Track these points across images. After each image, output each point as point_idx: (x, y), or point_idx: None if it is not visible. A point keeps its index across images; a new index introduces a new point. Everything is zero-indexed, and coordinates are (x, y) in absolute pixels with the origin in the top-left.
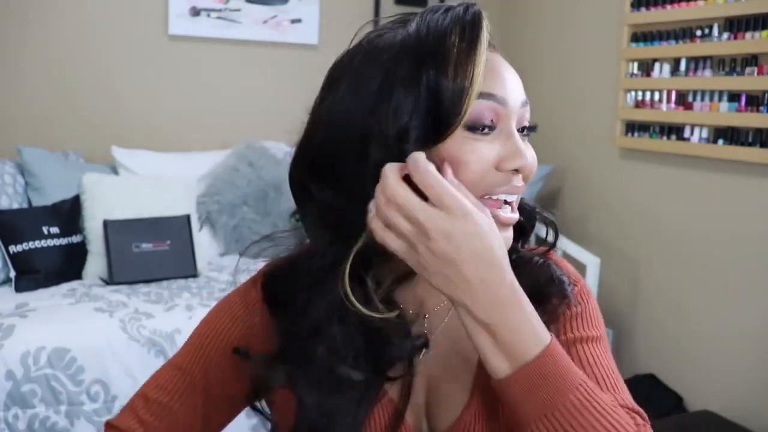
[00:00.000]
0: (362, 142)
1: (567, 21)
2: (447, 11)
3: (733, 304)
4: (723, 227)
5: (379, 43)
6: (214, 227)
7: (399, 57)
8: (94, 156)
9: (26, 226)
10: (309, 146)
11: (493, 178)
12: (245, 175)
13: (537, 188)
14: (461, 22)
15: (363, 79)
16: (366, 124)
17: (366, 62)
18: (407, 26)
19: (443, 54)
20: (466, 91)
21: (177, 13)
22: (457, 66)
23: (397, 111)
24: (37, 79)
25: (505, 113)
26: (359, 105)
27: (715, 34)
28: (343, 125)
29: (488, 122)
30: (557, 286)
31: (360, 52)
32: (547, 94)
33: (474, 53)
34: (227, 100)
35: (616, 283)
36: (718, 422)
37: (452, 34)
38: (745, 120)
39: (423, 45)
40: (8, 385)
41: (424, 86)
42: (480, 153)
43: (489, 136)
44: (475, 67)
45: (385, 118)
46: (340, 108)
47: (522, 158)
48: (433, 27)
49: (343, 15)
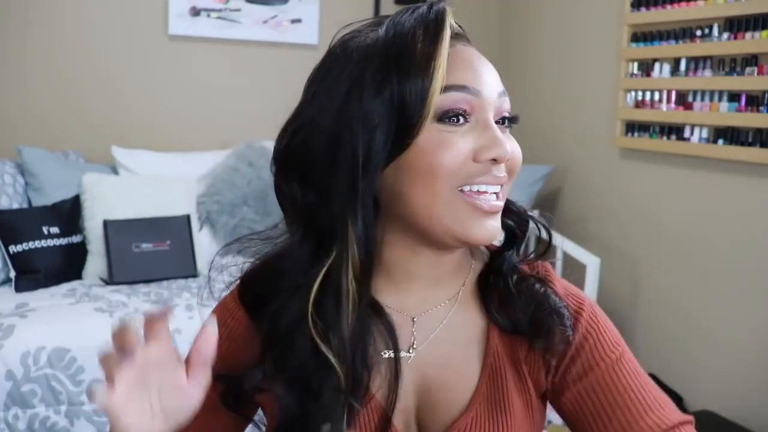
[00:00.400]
0: (332, 144)
1: (567, 21)
2: (414, 11)
3: (734, 304)
4: (723, 227)
5: (351, 46)
6: (214, 227)
7: (367, 60)
8: (94, 156)
9: (26, 226)
10: (281, 146)
11: (471, 169)
12: (245, 175)
13: (537, 188)
14: (425, 20)
15: (333, 82)
16: (335, 127)
17: (336, 65)
18: (378, 29)
19: (407, 55)
20: (428, 87)
21: (177, 13)
22: (420, 64)
23: (366, 114)
24: (37, 79)
25: (479, 104)
26: (329, 107)
27: (715, 34)
28: (314, 126)
29: (461, 112)
30: (558, 320)
31: (333, 55)
32: (547, 94)
33: (435, 48)
34: (227, 100)
35: (616, 283)
36: (718, 422)
37: (416, 33)
38: (745, 120)
39: (389, 47)
40: (8, 385)
41: (389, 91)
42: (454, 144)
43: (464, 128)
44: (436, 62)
45: (355, 122)
46: (311, 109)
47: (499, 147)
48: (399, 29)
49: (343, 15)
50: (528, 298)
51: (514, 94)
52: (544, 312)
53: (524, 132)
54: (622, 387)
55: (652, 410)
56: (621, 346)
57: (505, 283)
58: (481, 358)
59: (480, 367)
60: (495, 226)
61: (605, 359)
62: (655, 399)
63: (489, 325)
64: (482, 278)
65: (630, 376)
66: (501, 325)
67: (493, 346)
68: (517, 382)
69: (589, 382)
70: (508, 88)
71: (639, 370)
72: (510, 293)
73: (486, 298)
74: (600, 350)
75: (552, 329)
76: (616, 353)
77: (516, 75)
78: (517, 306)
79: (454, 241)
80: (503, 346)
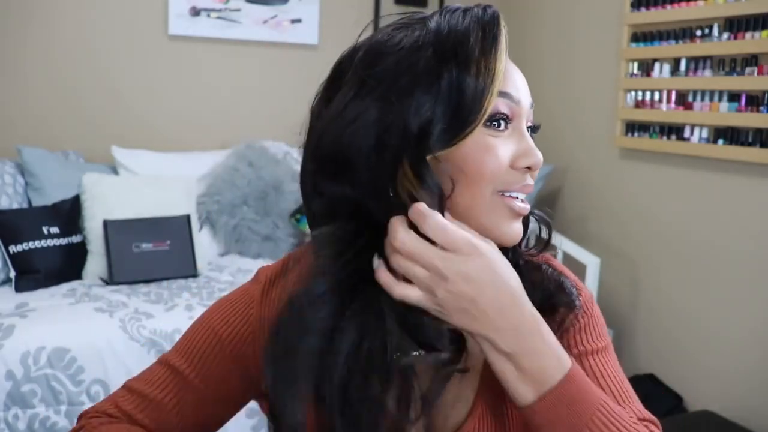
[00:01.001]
0: (381, 138)
1: (567, 21)
2: (465, 11)
3: (733, 304)
4: (723, 227)
5: (394, 41)
6: (214, 227)
7: (419, 52)
8: (94, 156)
9: (26, 226)
10: (320, 144)
11: (507, 176)
12: (245, 175)
13: (537, 188)
14: (481, 22)
15: (380, 72)
16: (384, 118)
17: (382, 57)
18: (426, 23)
19: (465, 52)
20: (488, 89)
21: (177, 13)
22: (479, 64)
23: (419, 107)
24: (37, 79)
25: (519, 112)
26: (377, 99)
27: (715, 34)
28: (359, 121)
29: (504, 118)
30: (566, 297)
31: (371, 49)
32: (547, 94)
33: (495, 52)
34: (227, 100)
35: (616, 283)
36: (718, 422)
37: (473, 33)
38: (745, 120)
39: (444, 42)
40: (8, 385)
41: (446, 83)
42: (497, 151)
43: (505, 134)
44: (497, 66)
45: (406, 114)
46: (354, 104)
47: (535, 156)
48: (453, 26)
49: (343, 15)
50: (537, 276)
51: None
52: (552, 289)
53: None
54: (604, 373)
55: (628, 401)
56: (607, 339)
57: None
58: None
59: (482, 362)
60: (520, 227)
61: (592, 345)
62: (630, 395)
63: None
64: None
65: (611, 368)
66: None
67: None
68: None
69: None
70: None
71: (619, 367)
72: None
73: None
74: (590, 335)
75: (559, 306)
76: (603, 343)
77: None
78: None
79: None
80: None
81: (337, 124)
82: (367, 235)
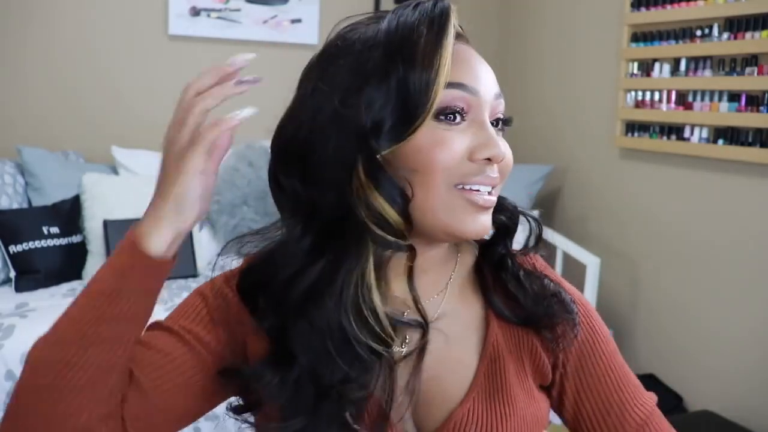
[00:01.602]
0: (333, 135)
1: (567, 21)
2: (416, 6)
3: (734, 304)
4: (723, 227)
5: (351, 38)
6: (214, 227)
7: (369, 51)
8: (94, 156)
9: (26, 226)
10: (280, 139)
11: (465, 168)
12: (245, 175)
13: (537, 188)
14: (429, 15)
15: (334, 73)
16: (337, 117)
17: (337, 56)
18: (380, 22)
19: (411, 47)
20: (433, 81)
21: (177, 13)
22: (425, 57)
23: (369, 104)
24: (37, 79)
25: (477, 103)
26: (330, 98)
27: (715, 34)
28: (314, 117)
29: (458, 110)
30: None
31: (332, 47)
32: (547, 94)
33: (440, 44)
34: (227, 100)
35: (616, 283)
36: (718, 422)
37: (420, 27)
38: (745, 120)
39: (392, 39)
40: (8, 385)
41: (394, 80)
42: (451, 142)
43: (460, 126)
44: (441, 57)
45: (356, 111)
46: (311, 101)
47: (494, 147)
48: (402, 21)
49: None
50: (536, 290)
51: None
52: (552, 303)
53: (524, 132)
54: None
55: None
56: (611, 341)
57: (513, 275)
58: (479, 348)
59: (478, 357)
60: (487, 221)
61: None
62: (637, 387)
63: (488, 315)
64: (478, 270)
65: (622, 368)
66: (506, 317)
67: (492, 335)
68: (519, 372)
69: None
70: (508, 88)
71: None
72: (517, 286)
73: (485, 289)
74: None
75: (560, 320)
76: (611, 346)
77: (516, 75)
78: (524, 298)
79: (445, 235)
80: (503, 336)
81: (294, 122)
82: (316, 236)
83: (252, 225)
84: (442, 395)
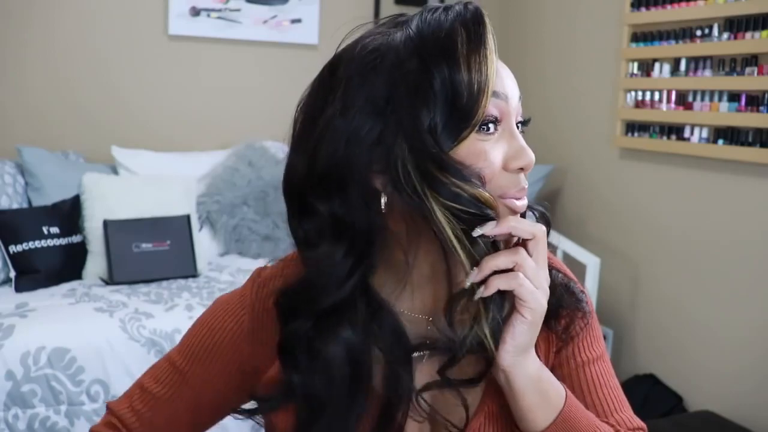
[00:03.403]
0: (378, 153)
1: (567, 21)
2: (446, 10)
3: (733, 304)
4: (723, 227)
5: (377, 47)
6: (214, 227)
7: (404, 59)
8: (94, 156)
9: (26, 226)
10: (312, 163)
11: (502, 180)
12: (245, 175)
13: (537, 188)
14: (463, 19)
15: (369, 87)
16: (386, 138)
17: (366, 68)
18: (406, 27)
19: (452, 50)
20: (483, 87)
21: (177, 13)
22: (469, 62)
23: (417, 116)
24: (37, 79)
25: (507, 110)
26: (370, 116)
27: (715, 34)
28: (355, 139)
29: (494, 120)
30: (577, 303)
31: (355, 59)
32: (547, 94)
33: (484, 49)
34: (227, 100)
35: (616, 283)
36: (718, 422)
37: (457, 30)
38: (745, 120)
39: (428, 43)
40: (8, 385)
41: (439, 85)
42: (489, 155)
43: (494, 136)
44: (489, 63)
45: (405, 125)
46: (347, 122)
47: (526, 157)
48: (435, 25)
49: (343, 15)
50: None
51: None
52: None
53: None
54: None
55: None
56: (603, 344)
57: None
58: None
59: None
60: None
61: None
62: (623, 402)
63: None
64: None
65: (607, 377)
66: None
67: None
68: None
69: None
70: None
71: (613, 374)
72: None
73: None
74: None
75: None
76: (599, 350)
77: (516, 75)
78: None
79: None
80: None
81: (330, 140)
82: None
83: (252, 225)
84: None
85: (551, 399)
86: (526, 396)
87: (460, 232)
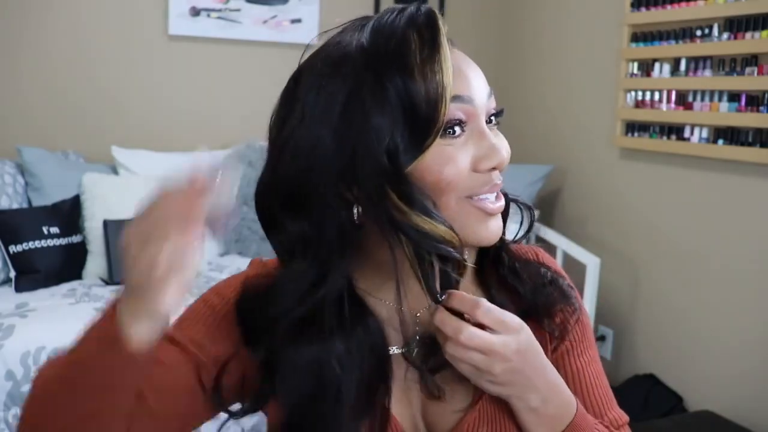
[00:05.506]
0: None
1: (567, 21)
2: (399, 13)
3: (733, 304)
4: (723, 227)
5: (335, 58)
6: None
7: (359, 70)
8: (94, 156)
9: (26, 226)
10: (276, 176)
11: (472, 181)
12: (245, 175)
13: (537, 188)
14: (416, 24)
15: (326, 98)
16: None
17: (323, 80)
18: (360, 35)
19: (405, 61)
20: (441, 95)
21: (177, 13)
22: (424, 71)
23: (378, 131)
24: (37, 80)
25: (473, 112)
26: (327, 129)
27: (715, 34)
28: (314, 152)
29: (458, 122)
30: (567, 301)
31: (316, 67)
32: (547, 94)
33: (438, 55)
34: (227, 100)
35: (616, 283)
36: (718, 422)
37: (410, 38)
38: (745, 120)
39: (381, 54)
40: (8, 385)
41: (394, 98)
42: (455, 159)
43: (461, 139)
44: (445, 70)
45: (368, 144)
46: (307, 133)
47: (497, 155)
48: (388, 33)
49: (343, 15)
50: (533, 279)
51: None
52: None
53: (524, 132)
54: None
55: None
56: (593, 341)
57: (511, 269)
58: None
59: None
60: (499, 224)
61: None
62: (612, 398)
63: None
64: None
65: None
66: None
67: None
68: None
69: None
70: (508, 88)
71: (602, 371)
72: (515, 278)
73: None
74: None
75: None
76: (592, 348)
77: (516, 75)
78: (523, 289)
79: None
80: None
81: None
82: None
83: (252, 225)
84: (452, 397)
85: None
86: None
87: (416, 259)
